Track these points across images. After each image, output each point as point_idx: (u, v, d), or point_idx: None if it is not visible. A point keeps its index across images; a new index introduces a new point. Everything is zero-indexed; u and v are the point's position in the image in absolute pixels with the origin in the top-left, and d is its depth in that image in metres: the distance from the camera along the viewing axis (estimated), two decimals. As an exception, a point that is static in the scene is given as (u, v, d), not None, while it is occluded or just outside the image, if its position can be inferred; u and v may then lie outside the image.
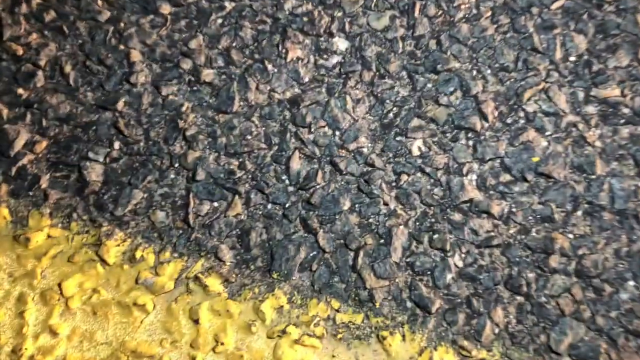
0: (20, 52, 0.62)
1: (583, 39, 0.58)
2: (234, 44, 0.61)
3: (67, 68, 0.61)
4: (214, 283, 0.53)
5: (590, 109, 0.55)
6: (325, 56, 0.60)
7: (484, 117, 0.56)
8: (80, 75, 0.61)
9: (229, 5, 0.62)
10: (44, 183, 0.57)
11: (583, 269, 0.50)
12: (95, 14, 0.63)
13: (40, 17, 0.63)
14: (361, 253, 0.52)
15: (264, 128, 0.58)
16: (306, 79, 0.59)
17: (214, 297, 0.52)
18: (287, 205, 0.55)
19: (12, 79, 0.61)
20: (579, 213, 0.52)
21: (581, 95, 0.56)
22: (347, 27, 0.61)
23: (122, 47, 0.61)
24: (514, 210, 0.53)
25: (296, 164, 0.56)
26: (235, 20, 0.62)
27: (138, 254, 0.54)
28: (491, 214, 0.53)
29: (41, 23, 0.63)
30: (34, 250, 0.55)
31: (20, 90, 0.61)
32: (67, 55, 0.61)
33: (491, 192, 0.54)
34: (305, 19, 0.61)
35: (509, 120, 0.56)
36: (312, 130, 0.57)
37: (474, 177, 0.54)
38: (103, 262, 0.54)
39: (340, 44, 0.60)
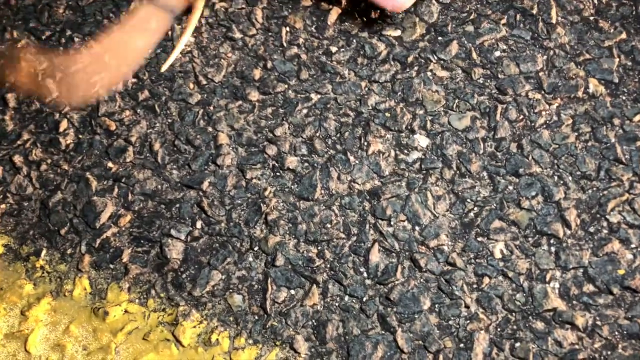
0: (113, 127, 0.65)
1: (666, 153, 0.59)
2: (317, 134, 0.63)
3: (156, 146, 0.64)
4: (288, 374, 0.52)
5: (677, 224, 0.55)
6: (406, 151, 0.61)
7: (566, 224, 0.56)
8: (167, 154, 0.63)
9: (314, 97, 0.65)
10: (125, 257, 0.58)
11: (676, 393, 0.48)
12: (186, 96, 0.66)
13: (134, 95, 0.67)
14: (440, 357, 0.51)
15: (343, 217, 0.58)
16: (387, 172, 0.60)
17: (287, 390, 0.51)
18: (364, 299, 0.54)
19: (103, 153, 0.64)
20: (669, 332, 0.50)
21: (667, 209, 0.56)
22: (428, 125, 0.62)
23: (210, 129, 0.64)
24: (598, 323, 0.52)
25: (375, 256, 0.56)
26: (320, 112, 0.64)
27: (214, 337, 0.54)
28: (575, 325, 0.52)
29: (135, 101, 0.67)
30: (111, 324, 0.55)
31: (110, 164, 0.63)
32: (157, 134, 0.64)
33: (574, 302, 0.53)
34: (387, 114, 0.63)
35: (591, 230, 0.56)
36: (392, 223, 0.58)
37: (557, 285, 0.53)
38: (178, 342, 0.54)
39: (422, 140, 0.62)
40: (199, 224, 0.59)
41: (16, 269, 0.59)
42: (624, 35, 0.66)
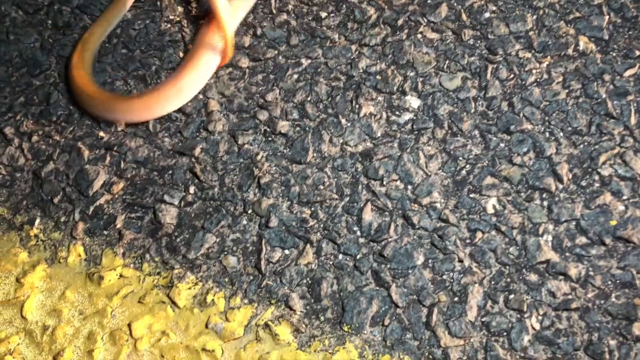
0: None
1: (657, 107, 0.59)
2: (309, 99, 0.63)
3: (148, 114, 0.63)
4: (284, 332, 0.52)
5: (668, 175, 0.55)
6: (397, 113, 0.61)
7: (558, 178, 0.56)
8: (159, 121, 0.63)
9: (305, 62, 0.65)
10: (119, 223, 0.58)
11: (669, 338, 0.48)
12: (176, 65, 0.66)
13: (125, 65, 0.67)
14: (435, 310, 0.51)
15: (336, 179, 0.59)
16: (379, 134, 0.60)
17: (283, 347, 0.52)
18: (358, 257, 0.55)
19: (94, 122, 0.64)
20: (662, 280, 0.51)
21: (658, 161, 0.56)
22: (419, 86, 0.62)
23: (200, 96, 0.64)
24: (591, 273, 0.52)
25: (368, 215, 0.56)
26: (311, 76, 0.64)
27: (209, 298, 0.54)
28: (568, 276, 0.52)
29: (125, 71, 0.67)
30: (106, 289, 0.55)
31: (101, 133, 0.63)
32: (148, 102, 0.64)
33: (567, 254, 0.53)
34: (378, 77, 0.63)
35: (583, 183, 0.56)
36: (385, 183, 0.58)
37: (550, 238, 0.54)
38: (173, 304, 0.54)
39: (413, 102, 0.62)
40: (192, 190, 0.59)
41: (10, 238, 0.59)
42: (613, -7, 0.66)
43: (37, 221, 0.60)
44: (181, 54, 0.67)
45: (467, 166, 0.58)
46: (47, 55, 0.69)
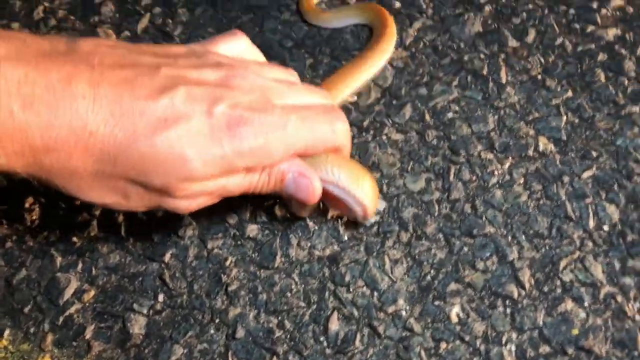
0: (77, 202, 0.66)
1: (615, 209, 0.60)
2: (277, 200, 0.64)
3: (119, 218, 0.65)
4: None
5: (628, 280, 0.56)
6: (364, 215, 0.62)
7: (520, 284, 0.57)
8: (130, 226, 0.64)
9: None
10: (88, 333, 0.59)
11: None
12: (149, 167, 0.68)
13: (99, 168, 0.68)
14: None
15: (303, 285, 0.59)
16: (345, 237, 0.61)
17: None
18: (324, 369, 0.55)
19: (68, 228, 0.65)
20: (624, 392, 0.51)
21: (617, 265, 0.57)
22: (384, 188, 0.64)
23: (172, 200, 0.65)
24: (555, 384, 0.52)
25: (335, 325, 0.57)
26: (280, 179, 0.65)
27: (174, 415, 0.54)
28: (532, 387, 0.52)
29: (99, 174, 0.68)
30: (72, 404, 0.55)
31: (74, 239, 0.64)
32: (121, 206, 0.65)
33: (531, 363, 0.53)
34: (345, 179, 0.65)
35: (545, 289, 0.57)
36: (351, 289, 0.58)
37: (513, 347, 0.54)
38: (139, 421, 0.54)
39: (379, 204, 0.63)
40: (160, 297, 0.60)
41: (-21, 350, 0.59)
42: (570, 93, 0.68)
43: (7, 332, 0.60)
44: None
45: (432, 271, 0.59)
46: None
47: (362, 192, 0.55)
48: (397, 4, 0.78)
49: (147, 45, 0.49)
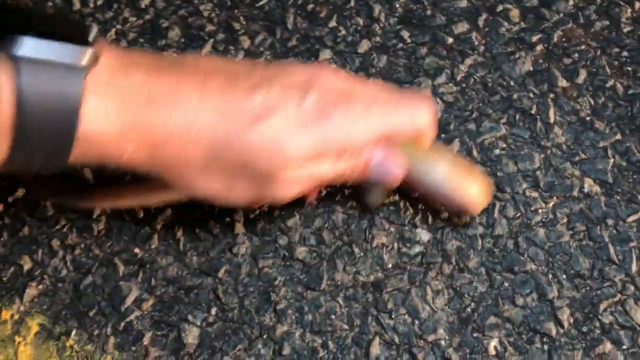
0: (141, 214, 0.71)
1: (658, 255, 0.61)
2: (326, 225, 0.68)
3: (179, 233, 0.69)
4: None
5: (668, 327, 0.57)
6: (408, 245, 0.65)
7: (559, 323, 0.58)
8: (189, 241, 0.69)
9: (323, 190, 0.70)
10: (146, 340, 0.63)
11: None
12: (208, 186, 0.72)
13: (161, 184, 0.74)
14: None
15: (347, 309, 0.62)
16: (389, 265, 0.64)
17: None
18: (364, 391, 0.58)
19: (131, 239, 0.70)
20: None
21: (658, 311, 0.58)
22: (429, 219, 0.66)
23: (227, 219, 0.70)
24: None
25: (376, 349, 0.59)
26: (329, 204, 0.69)
27: (222, 423, 0.58)
28: None
29: (162, 190, 0.73)
30: (129, 405, 0.60)
31: (136, 250, 0.69)
32: (180, 222, 0.70)
33: (566, 402, 0.55)
34: (391, 208, 0.68)
35: (584, 329, 0.58)
36: (393, 316, 0.61)
37: (549, 384, 0.56)
38: None
39: (423, 235, 0.66)
40: (213, 311, 0.64)
41: (48, 347, 0.65)
42: (619, 136, 0.69)
43: (74, 332, 0.65)
44: (213, 177, 0.73)
45: (472, 304, 0.61)
46: (92, 170, 0.76)
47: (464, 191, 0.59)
48: (450, 40, 0.81)
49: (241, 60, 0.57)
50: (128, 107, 0.46)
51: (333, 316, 0.62)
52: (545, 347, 0.58)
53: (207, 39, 0.88)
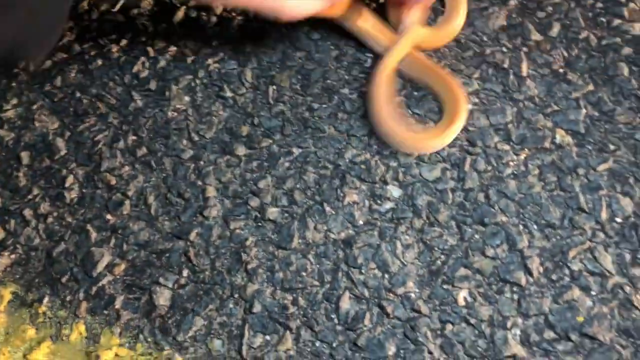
0: (113, 182, 0.71)
1: (629, 202, 0.60)
2: (297, 186, 0.67)
3: (150, 199, 0.69)
4: (260, 417, 0.55)
5: (638, 272, 0.56)
6: (379, 202, 0.65)
7: (529, 272, 0.58)
8: (160, 206, 0.69)
9: (296, 151, 0.70)
10: (118, 303, 0.63)
11: None
12: (179, 152, 0.72)
13: (133, 151, 0.73)
14: (403, 401, 0.54)
15: (318, 266, 0.62)
16: (360, 222, 0.64)
17: None
18: (334, 345, 0.58)
19: (103, 206, 0.70)
20: (627, 380, 0.52)
21: (628, 257, 0.57)
22: (400, 176, 0.66)
23: (199, 182, 0.69)
24: (558, 369, 0.53)
25: (346, 303, 0.59)
26: (301, 165, 0.69)
27: (193, 381, 0.58)
28: (535, 372, 0.53)
29: (134, 157, 0.73)
30: (102, 367, 0.60)
31: (108, 216, 0.69)
32: (152, 187, 0.70)
33: (534, 348, 0.55)
34: (363, 166, 0.67)
35: (553, 277, 0.58)
36: (363, 271, 0.61)
37: (518, 332, 0.55)
38: (161, 385, 0.58)
39: (394, 191, 0.65)
40: (185, 273, 0.64)
41: (21, 314, 0.65)
42: (591, 87, 0.69)
43: (46, 299, 0.65)
44: (185, 141, 0.73)
45: (442, 257, 0.61)
46: (67, 141, 0.76)
47: None
48: (422, -2, 0.79)
49: None
50: None
51: (304, 273, 0.62)
52: (515, 296, 0.57)
53: (179, 7, 0.87)
